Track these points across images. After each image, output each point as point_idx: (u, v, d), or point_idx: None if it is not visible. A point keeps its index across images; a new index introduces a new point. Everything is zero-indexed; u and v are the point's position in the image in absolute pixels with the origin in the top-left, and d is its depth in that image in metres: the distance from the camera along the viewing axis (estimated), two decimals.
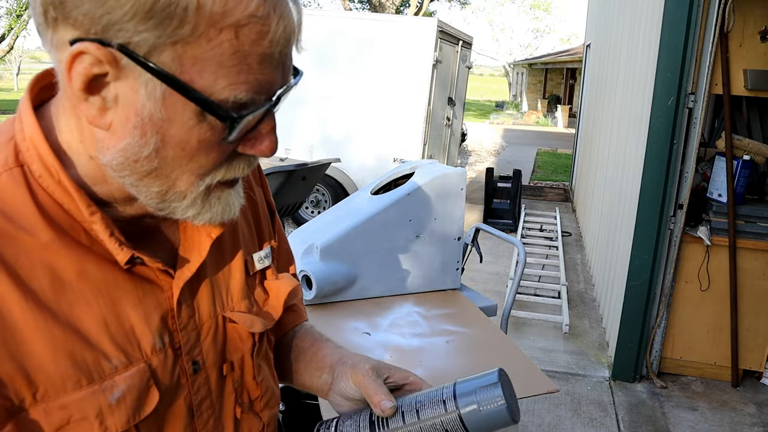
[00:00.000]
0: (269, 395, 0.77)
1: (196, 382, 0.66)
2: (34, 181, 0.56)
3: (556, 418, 2.96)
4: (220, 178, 0.59)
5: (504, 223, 6.39)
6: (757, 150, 3.21)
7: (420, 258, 2.23)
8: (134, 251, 0.59)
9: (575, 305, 4.44)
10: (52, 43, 0.53)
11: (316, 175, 5.29)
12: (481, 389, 0.67)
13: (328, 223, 2.20)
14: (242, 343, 0.72)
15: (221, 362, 0.69)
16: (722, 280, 3.20)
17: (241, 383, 0.72)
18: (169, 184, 0.57)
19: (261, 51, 0.53)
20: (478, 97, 40.04)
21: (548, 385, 1.66)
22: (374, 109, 6.16)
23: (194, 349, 0.66)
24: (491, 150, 13.99)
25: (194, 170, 0.57)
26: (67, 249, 0.56)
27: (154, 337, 0.62)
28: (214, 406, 0.69)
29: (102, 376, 0.57)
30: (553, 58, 23.63)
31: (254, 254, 0.76)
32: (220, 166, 0.58)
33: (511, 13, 57.81)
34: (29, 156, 0.57)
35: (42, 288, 0.55)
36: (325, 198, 6.39)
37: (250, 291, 0.74)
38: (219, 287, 0.70)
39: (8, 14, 15.99)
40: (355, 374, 0.74)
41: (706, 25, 2.88)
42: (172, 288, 0.63)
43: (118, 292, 0.59)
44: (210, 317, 0.68)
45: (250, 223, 0.78)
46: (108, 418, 0.57)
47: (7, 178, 0.56)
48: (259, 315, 0.74)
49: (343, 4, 18.60)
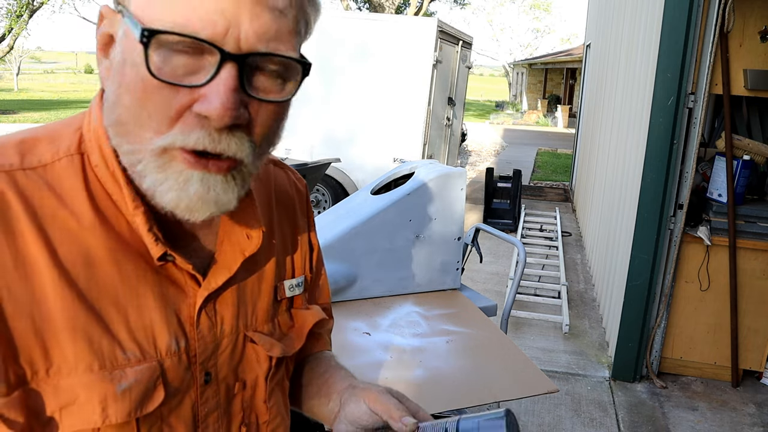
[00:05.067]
0: (278, 422, 0.76)
1: (206, 393, 0.66)
2: (90, 169, 0.60)
3: (556, 418, 2.96)
4: (178, 143, 0.53)
5: (504, 223, 6.39)
6: (757, 150, 3.21)
7: (420, 258, 2.22)
8: (168, 249, 0.60)
9: (575, 305, 4.44)
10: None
11: (316, 175, 5.29)
12: (484, 423, 0.65)
13: (328, 223, 2.20)
14: (258, 364, 0.71)
15: (234, 379, 0.69)
16: (722, 280, 3.20)
17: (250, 404, 0.72)
18: (132, 140, 0.55)
19: None
20: (478, 97, 40.05)
21: (548, 385, 1.66)
22: (374, 109, 6.16)
23: (209, 361, 0.66)
24: (491, 150, 13.98)
25: (147, 123, 0.54)
26: (107, 236, 0.59)
27: (170, 338, 0.62)
28: (220, 421, 0.68)
29: (114, 364, 0.58)
30: (553, 58, 23.63)
31: (285, 281, 0.76)
32: (172, 123, 0.53)
33: (511, 13, 57.82)
34: (90, 146, 0.60)
35: (76, 269, 0.57)
36: (325, 198, 6.39)
37: (275, 315, 0.74)
38: (245, 305, 0.70)
39: (8, 14, 15.99)
40: (368, 395, 0.71)
41: (706, 25, 2.88)
42: (196, 295, 0.64)
43: (145, 287, 0.60)
44: (231, 332, 0.68)
45: (288, 250, 0.78)
46: (111, 407, 0.57)
47: (66, 162, 0.60)
48: (281, 340, 0.73)
49: (342, 4, 18.60)
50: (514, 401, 3.01)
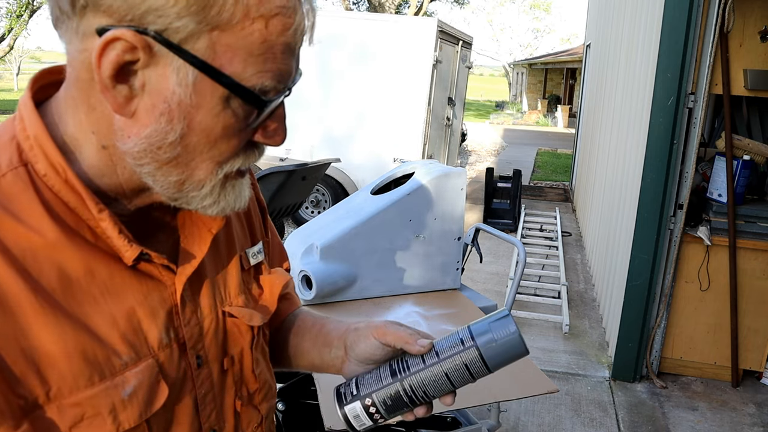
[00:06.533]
0: (267, 388, 0.78)
1: (200, 376, 0.67)
2: (39, 179, 0.57)
3: (556, 418, 2.96)
4: (238, 167, 0.60)
5: (504, 223, 6.39)
6: (757, 150, 3.21)
7: (420, 258, 2.22)
8: (143, 248, 0.60)
9: (575, 305, 4.44)
10: (76, 32, 0.53)
11: (316, 175, 5.29)
12: (494, 324, 0.71)
13: (328, 223, 2.20)
14: (242, 337, 0.73)
15: (222, 356, 0.70)
16: (722, 280, 3.20)
17: (240, 377, 0.74)
18: (188, 172, 0.58)
19: (285, 41, 0.55)
20: (478, 97, 40.04)
21: (548, 385, 1.66)
22: (374, 109, 6.15)
23: (198, 344, 0.67)
24: (491, 150, 13.98)
25: (214, 158, 0.58)
26: (74, 247, 0.57)
27: (160, 332, 0.62)
28: (216, 400, 0.70)
29: (113, 372, 0.58)
30: (553, 58, 23.63)
31: (247, 250, 0.77)
32: (238, 154, 0.60)
33: (511, 13, 57.82)
34: (33, 155, 0.57)
35: (52, 286, 0.55)
36: (325, 198, 6.39)
37: (246, 286, 0.75)
38: (217, 283, 0.71)
39: (8, 14, 15.99)
40: (375, 330, 0.74)
41: (706, 25, 2.88)
42: (175, 284, 0.64)
43: (124, 288, 0.60)
44: (210, 312, 0.69)
45: (242, 220, 0.79)
46: (121, 414, 0.58)
47: (12, 177, 0.56)
48: (256, 309, 0.75)
49: (343, 4, 18.60)
50: (514, 401, 3.01)
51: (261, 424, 0.77)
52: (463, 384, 0.72)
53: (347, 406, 0.72)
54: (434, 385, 0.71)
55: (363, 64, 6.09)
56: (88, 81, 0.54)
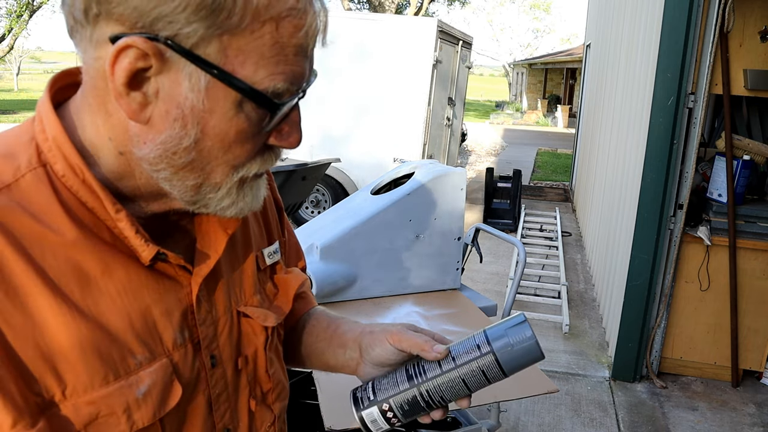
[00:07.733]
0: (280, 388, 0.78)
1: (215, 376, 0.68)
2: (57, 180, 0.57)
3: (556, 418, 2.96)
4: (255, 171, 0.60)
5: (504, 223, 6.39)
6: (757, 150, 3.21)
7: (420, 258, 2.23)
8: (159, 248, 0.60)
9: (575, 305, 4.44)
10: (90, 41, 0.53)
11: (316, 175, 5.29)
12: (511, 330, 0.71)
13: (328, 223, 2.20)
14: (256, 337, 0.73)
15: (236, 356, 0.71)
16: (722, 280, 3.20)
17: (254, 377, 0.74)
18: (204, 176, 0.58)
19: (297, 43, 0.55)
20: (478, 97, 40.05)
21: (548, 385, 1.66)
22: (374, 109, 6.15)
23: (212, 344, 0.67)
24: (491, 150, 13.98)
25: (229, 161, 0.58)
26: (92, 247, 0.57)
27: (175, 332, 0.63)
28: (230, 400, 0.70)
29: (128, 371, 0.58)
30: (553, 58, 23.63)
31: (264, 249, 0.78)
32: (254, 158, 0.60)
33: (511, 13, 57.81)
34: (52, 156, 0.57)
35: (69, 286, 0.55)
36: (325, 198, 6.39)
37: (261, 286, 0.75)
38: (233, 282, 0.71)
39: (8, 14, 15.99)
40: (390, 336, 0.74)
41: (706, 25, 2.88)
42: (191, 284, 0.65)
43: (140, 288, 0.60)
44: (225, 312, 0.69)
45: (259, 220, 0.80)
46: (135, 413, 0.58)
47: (31, 177, 0.56)
48: (271, 309, 0.75)
49: (342, 3, 18.60)
50: (514, 401, 3.02)
51: (274, 424, 0.78)
52: (480, 388, 0.72)
53: (364, 411, 0.73)
54: (451, 390, 0.71)
55: (363, 64, 6.09)
56: (104, 88, 0.55)
